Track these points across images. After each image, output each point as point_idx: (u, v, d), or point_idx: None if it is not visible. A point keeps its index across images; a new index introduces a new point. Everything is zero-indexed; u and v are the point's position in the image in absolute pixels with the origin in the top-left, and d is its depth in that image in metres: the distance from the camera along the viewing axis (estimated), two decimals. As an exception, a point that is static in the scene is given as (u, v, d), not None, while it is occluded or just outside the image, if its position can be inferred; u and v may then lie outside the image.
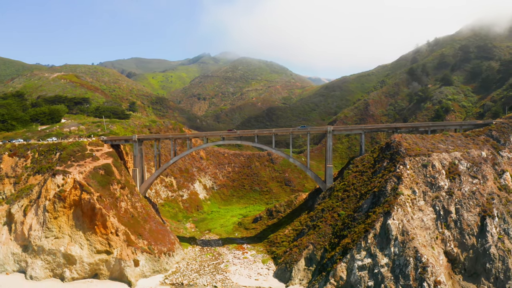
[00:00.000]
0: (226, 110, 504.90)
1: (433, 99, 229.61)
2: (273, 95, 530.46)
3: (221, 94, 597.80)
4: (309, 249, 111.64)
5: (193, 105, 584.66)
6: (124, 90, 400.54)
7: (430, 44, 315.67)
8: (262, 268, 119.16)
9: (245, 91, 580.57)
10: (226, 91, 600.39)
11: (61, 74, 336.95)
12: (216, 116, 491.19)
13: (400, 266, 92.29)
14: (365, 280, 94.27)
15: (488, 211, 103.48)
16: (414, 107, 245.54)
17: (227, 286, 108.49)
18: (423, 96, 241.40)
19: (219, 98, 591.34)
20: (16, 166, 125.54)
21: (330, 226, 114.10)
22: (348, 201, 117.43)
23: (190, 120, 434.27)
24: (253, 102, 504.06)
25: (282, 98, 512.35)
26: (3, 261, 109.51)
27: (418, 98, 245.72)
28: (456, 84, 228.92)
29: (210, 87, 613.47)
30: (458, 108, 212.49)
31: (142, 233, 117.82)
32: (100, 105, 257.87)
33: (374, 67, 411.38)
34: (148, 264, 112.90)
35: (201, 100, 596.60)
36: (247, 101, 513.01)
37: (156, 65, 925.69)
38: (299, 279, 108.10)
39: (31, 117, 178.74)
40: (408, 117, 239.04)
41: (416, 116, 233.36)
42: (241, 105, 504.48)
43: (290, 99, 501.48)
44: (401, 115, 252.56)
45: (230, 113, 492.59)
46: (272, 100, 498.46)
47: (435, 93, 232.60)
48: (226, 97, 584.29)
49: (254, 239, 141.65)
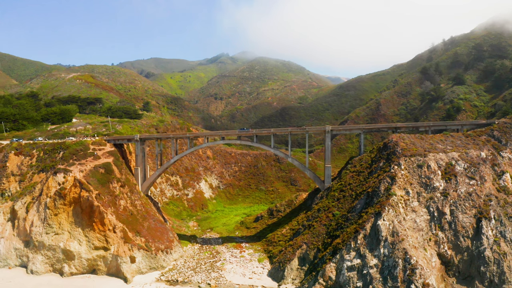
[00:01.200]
0: (242, 109, 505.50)
1: (444, 98, 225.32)
2: (289, 94, 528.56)
3: (238, 94, 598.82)
4: (302, 249, 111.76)
5: (210, 105, 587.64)
6: (140, 90, 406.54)
7: (446, 43, 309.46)
8: (257, 267, 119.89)
9: (261, 90, 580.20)
10: (242, 90, 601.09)
11: (77, 74, 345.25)
12: (231, 116, 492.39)
13: (389, 267, 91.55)
14: (353, 280, 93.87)
15: (485, 213, 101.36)
16: (425, 106, 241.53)
17: (221, 284, 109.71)
18: (435, 95, 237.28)
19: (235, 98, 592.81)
20: (21, 165, 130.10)
21: (324, 226, 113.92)
22: (344, 201, 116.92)
23: (205, 120, 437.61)
24: (268, 102, 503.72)
25: (298, 98, 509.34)
26: (6, 255, 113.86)
27: (430, 98, 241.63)
28: (469, 83, 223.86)
29: (227, 87, 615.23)
30: (470, 108, 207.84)
31: (140, 231, 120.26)
32: (113, 105, 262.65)
33: (390, 67, 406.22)
34: (144, 260, 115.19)
35: (218, 100, 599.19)
36: (262, 101, 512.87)
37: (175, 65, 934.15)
38: (292, 279, 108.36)
39: (42, 117, 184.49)
40: (419, 117, 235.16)
41: (427, 115, 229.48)
42: (257, 104, 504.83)
43: (306, 98, 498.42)
44: (412, 114, 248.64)
45: (246, 113, 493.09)
46: (288, 100, 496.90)
47: (447, 92, 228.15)
48: (242, 97, 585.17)
49: (253, 238, 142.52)
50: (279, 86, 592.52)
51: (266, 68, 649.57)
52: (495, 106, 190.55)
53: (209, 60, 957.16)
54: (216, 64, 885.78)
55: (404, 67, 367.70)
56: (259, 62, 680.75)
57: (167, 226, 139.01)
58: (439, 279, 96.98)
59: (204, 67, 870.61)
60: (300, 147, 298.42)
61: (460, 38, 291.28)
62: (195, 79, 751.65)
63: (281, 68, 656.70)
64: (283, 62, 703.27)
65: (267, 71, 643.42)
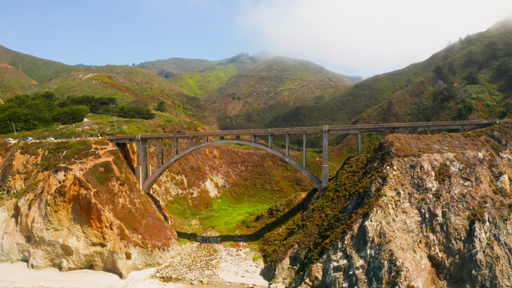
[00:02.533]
0: (258, 109, 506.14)
1: (456, 98, 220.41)
2: (306, 94, 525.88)
3: (255, 93, 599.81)
4: (294, 248, 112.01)
5: (228, 105, 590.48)
6: (156, 90, 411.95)
7: (462, 41, 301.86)
8: (251, 266, 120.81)
9: (279, 90, 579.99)
10: (260, 90, 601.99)
11: (93, 75, 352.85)
12: (247, 116, 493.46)
13: (374, 268, 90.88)
14: (339, 281, 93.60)
15: (478, 215, 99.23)
16: (437, 106, 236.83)
17: (213, 281, 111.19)
18: (447, 95, 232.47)
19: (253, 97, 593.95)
20: (27, 163, 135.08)
21: (316, 226, 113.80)
22: (337, 202, 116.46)
23: (220, 120, 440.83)
24: (284, 102, 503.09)
25: (315, 97, 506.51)
26: (9, 250, 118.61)
27: (442, 97, 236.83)
28: (482, 83, 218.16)
29: (245, 87, 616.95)
30: (482, 107, 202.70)
31: (137, 228, 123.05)
32: (126, 105, 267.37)
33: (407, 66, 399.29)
34: (140, 257, 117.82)
35: (236, 100, 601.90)
36: (279, 100, 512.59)
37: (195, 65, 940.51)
38: (283, 278, 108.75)
39: (53, 117, 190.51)
40: (431, 117, 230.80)
41: (439, 115, 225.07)
42: (273, 104, 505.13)
43: (323, 98, 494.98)
44: (424, 114, 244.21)
45: (262, 113, 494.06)
46: (304, 100, 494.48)
47: (459, 91, 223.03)
48: (260, 97, 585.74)
49: (252, 237, 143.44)
50: (296, 85, 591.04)
51: (284, 68, 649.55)
52: (507, 105, 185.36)
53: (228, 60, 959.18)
54: (236, 64, 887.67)
55: (420, 66, 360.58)
56: (277, 61, 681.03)
57: (167, 224, 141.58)
58: (429, 282, 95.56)
59: (223, 67, 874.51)
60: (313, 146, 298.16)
61: (476, 37, 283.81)
62: (214, 79, 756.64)
63: (298, 68, 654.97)
64: (301, 61, 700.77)
65: (285, 70, 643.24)
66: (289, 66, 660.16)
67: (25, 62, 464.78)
